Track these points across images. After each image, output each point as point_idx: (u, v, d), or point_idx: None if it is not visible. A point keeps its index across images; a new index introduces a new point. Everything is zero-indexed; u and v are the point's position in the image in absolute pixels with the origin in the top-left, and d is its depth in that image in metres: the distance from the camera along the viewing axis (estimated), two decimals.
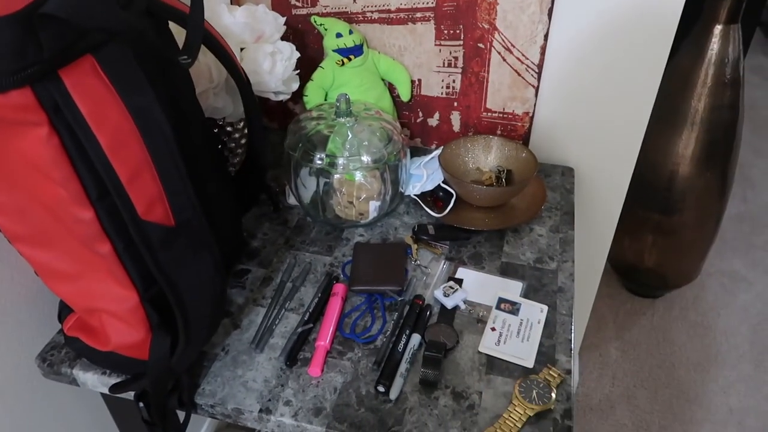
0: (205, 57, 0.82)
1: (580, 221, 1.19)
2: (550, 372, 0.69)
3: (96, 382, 0.72)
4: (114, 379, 0.71)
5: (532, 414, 0.64)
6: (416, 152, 1.09)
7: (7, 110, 0.49)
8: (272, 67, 0.89)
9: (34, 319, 0.81)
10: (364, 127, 0.89)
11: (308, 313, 0.77)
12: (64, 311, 0.72)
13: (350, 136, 0.87)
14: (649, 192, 1.49)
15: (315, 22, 1.00)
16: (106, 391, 0.72)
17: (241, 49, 0.89)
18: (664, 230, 1.54)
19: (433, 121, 1.11)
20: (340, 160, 0.86)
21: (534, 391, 0.66)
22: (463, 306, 0.79)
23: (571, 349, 0.73)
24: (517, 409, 0.65)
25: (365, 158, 0.87)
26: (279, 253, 0.89)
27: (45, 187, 0.55)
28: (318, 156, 0.86)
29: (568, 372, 0.70)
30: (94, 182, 0.54)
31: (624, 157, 1.08)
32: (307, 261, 0.87)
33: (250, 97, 0.78)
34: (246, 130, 0.95)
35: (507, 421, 0.64)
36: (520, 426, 0.64)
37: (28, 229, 0.60)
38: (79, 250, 0.60)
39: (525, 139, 1.08)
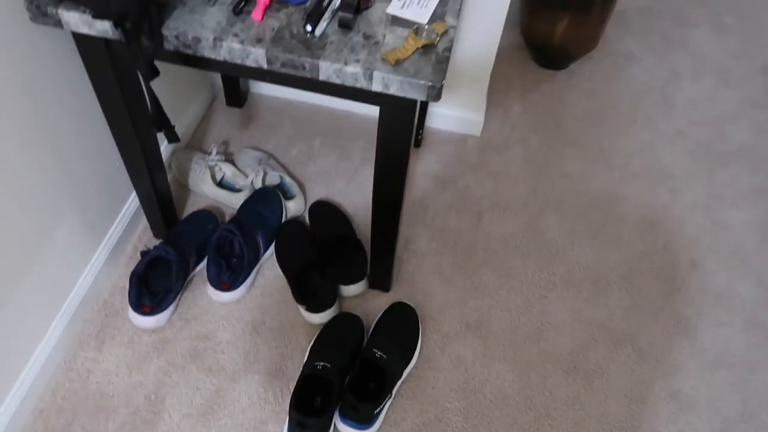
0: None
1: None
2: (439, 24, 0.91)
3: (78, 21, 0.89)
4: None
5: (420, 46, 0.87)
6: None
7: None
8: None
9: None
10: None
11: None
12: None
13: None
14: None
15: None
16: (87, 30, 0.89)
17: None
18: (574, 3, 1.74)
19: None
20: None
21: (424, 33, 0.88)
22: None
23: (458, 15, 0.94)
24: (410, 41, 0.87)
25: None
26: None
27: None
28: None
29: (453, 27, 0.92)
30: None
31: None
32: None
33: None
34: None
35: (402, 49, 0.86)
36: (411, 52, 0.86)
37: None
38: None
39: None
